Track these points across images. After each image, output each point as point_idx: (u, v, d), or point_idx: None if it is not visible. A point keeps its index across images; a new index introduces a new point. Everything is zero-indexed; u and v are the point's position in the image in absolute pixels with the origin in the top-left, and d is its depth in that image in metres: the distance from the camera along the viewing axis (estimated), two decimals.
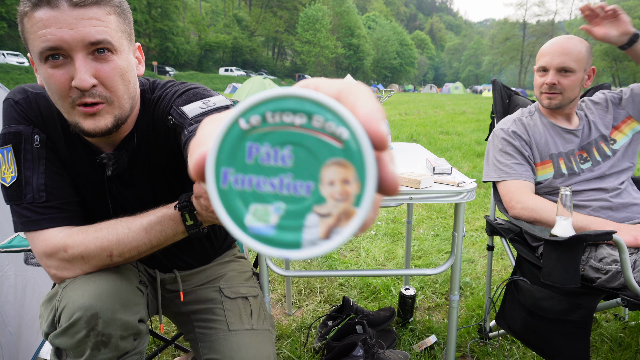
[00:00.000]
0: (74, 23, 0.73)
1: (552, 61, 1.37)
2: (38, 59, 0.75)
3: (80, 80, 0.73)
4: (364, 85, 0.27)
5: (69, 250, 0.79)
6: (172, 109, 0.86)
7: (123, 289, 0.81)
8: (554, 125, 1.46)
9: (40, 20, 0.72)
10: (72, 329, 0.75)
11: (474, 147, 6.37)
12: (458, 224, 1.14)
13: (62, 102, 0.77)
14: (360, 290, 2.10)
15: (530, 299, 1.21)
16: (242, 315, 1.02)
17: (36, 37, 0.73)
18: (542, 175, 1.43)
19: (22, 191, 0.80)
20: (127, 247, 0.80)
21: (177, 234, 0.82)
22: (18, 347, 1.32)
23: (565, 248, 1.02)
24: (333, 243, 0.23)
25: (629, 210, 1.33)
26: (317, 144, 0.24)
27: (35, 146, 0.82)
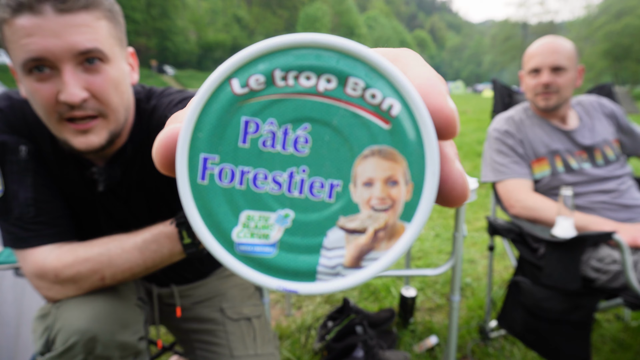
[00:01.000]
0: (60, 31, 0.65)
1: (544, 61, 1.37)
2: (21, 70, 0.68)
3: (69, 95, 0.66)
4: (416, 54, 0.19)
5: (60, 274, 0.74)
6: (166, 117, 0.81)
7: (121, 308, 0.77)
8: (548, 123, 1.46)
9: (22, 28, 0.64)
10: (69, 353, 0.71)
11: (474, 146, 6.37)
12: (459, 224, 1.14)
13: (49, 118, 0.70)
14: (361, 291, 2.09)
15: (531, 300, 1.20)
16: (245, 339, 0.97)
17: (18, 47, 0.65)
18: (539, 173, 1.42)
19: (8, 206, 0.74)
20: (120, 268, 0.75)
21: (173, 254, 0.77)
22: (17, 347, 1.31)
23: (566, 248, 1.02)
24: (366, 274, 0.16)
25: (630, 211, 1.33)
26: (351, 122, 0.15)
27: (21, 158, 0.76)
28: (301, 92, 0.15)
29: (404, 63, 0.17)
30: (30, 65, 0.66)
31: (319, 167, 0.15)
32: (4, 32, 0.67)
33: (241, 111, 0.15)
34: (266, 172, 0.15)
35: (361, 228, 0.16)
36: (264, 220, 0.16)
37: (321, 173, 0.15)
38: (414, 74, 0.16)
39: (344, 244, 0.16)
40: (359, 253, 0.16)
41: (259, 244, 0.16)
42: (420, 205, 0.15)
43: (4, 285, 1.36)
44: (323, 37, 0.15)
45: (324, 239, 0.16)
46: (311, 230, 0.16)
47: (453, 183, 0.16)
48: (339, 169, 0.15)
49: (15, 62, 0.68)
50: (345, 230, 0.16)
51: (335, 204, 0.15)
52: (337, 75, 0.15)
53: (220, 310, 1.00)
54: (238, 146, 0.16)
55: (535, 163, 1.43)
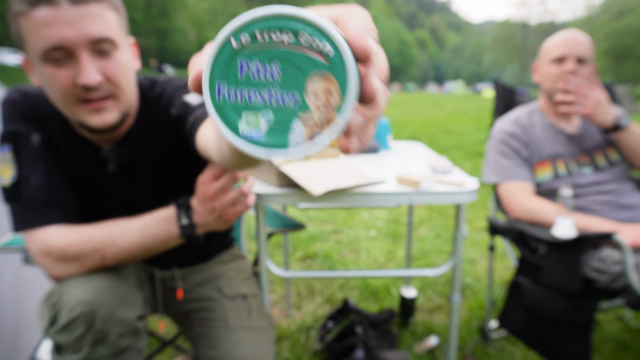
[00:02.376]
0: (76, 21, 0.72)
1: (571, 50, 1.36)
2: (38, 59, 0.73)
3: (88, 78, 0.73)
4: (361, 8, 0.29)
5: (64, 252, 0.79)
6: (174, 100, 0.87)
7: (120, 286, 0.81)
8: (553, 126, 1.45)
9: (40, 19, 0.70)
10: (71, 325, 0.75)
11: (475, 146, 6.36)
12: (459, 224, 1.13)
13: (65, 101, 0.76)
14: (361, 291, 2.09)
15: (532, 300, 1.20)
16: (240, 314, 1.02)
17: (37, 37, 0.71)
18: (541, 176, 1.41)
19: (20, 190, 0.80)
20: (120, 249, 0.80)
21: (170, 237, 0.82)
22: (16, 347, 1.31)
23: (566, 249, 1.01)
24: (316, 145, 0.27)
25: (631, 211, 1.32)
26: (302, 59, 0.26)
27: (34, 145, 0.82)
28: (273, 43, 0.26)
29: (345, 19, 0.27)
30: (50, 53, 0.72)
31: (286, 86, 0.26)
32: (20, 24, 0.73)
33: (238, 56, 0.27)
34: (255, 91, 0.27)
35: (312, 119, 0.27)
36: (255, 118, 0.27)
37: (287, 89, 0.26)
38: (351, 22, 0.27)
39: (302, 128, 0.27)
40: (311, 133, 0.27)
41: (255, 132, 0.27)
42: (346, 105, 0.26)
43: (3, 286, 1.35)
44: (282, 8, 0.25)
45: (291, 127, 0.27)
46: (284, 122, 0.27)
47: (367, 91, 0.27)
48: (297, 87, 0.26)
49: (33, 52, 0.74)
50: (303, 121, 0.27)
51: (297, 107, 0.27)
52: (292, 31, 0.26)
53: (217, 289, 1.05)
54: (238, 78, 0.27)
55: (537, 166, 1.42)
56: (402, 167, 1.35)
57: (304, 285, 2.14)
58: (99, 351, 0.77)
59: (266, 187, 1.09)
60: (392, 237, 2.82)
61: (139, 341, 0.86)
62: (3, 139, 0.82)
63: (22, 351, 1.34)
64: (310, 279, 2.19)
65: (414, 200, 1.05)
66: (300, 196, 1.05)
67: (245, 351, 0.94)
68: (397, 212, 3.32)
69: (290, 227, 1.43)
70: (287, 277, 1.56)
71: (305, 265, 2.43)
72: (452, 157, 5.54)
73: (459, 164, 5.15)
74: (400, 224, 3.08)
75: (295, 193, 1.05)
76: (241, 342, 0.96)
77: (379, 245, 2.66)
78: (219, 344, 0.96)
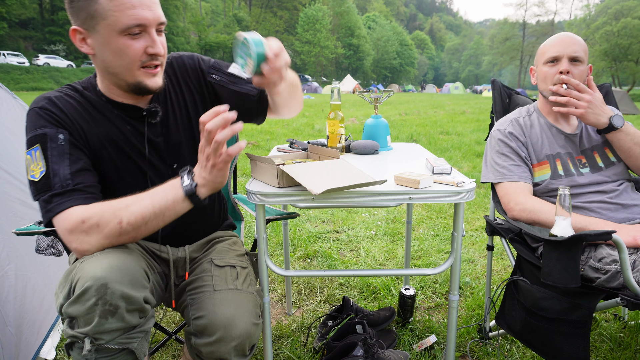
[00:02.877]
0: (151, 6, 0.94)
1: (565, 50, 1.37)
2: (116, 32, 0.92)
3: (158, 48, 0.97)
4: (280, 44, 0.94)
5: (87, 221, 0.89)
6: (214, 70, 1.16)
7: (132, 268, 0.90)
8: (552, 126, 1.46)
9: (127, 2, 0.91)
10: (84, 296, 0.83)
11: (473, 147, 6.37)
12: (458, 223, 1.15)
13: (131, 66, 0.96)
14: (360, 290, 2.10)
15: (530, 299, 1.21)
16: (227, 279, 1.09)
17: (122, 15, 0.91)
18: (540, 177, 1.42)
19: (50, 182, 0.92)
20: (134, 213, 0.91)
21: (176, 199, 0.93)
22: (18, 346, 1.32)
23: (564, 248, 1.02)
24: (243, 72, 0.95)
25: (629, 211, 1.33)
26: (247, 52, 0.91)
27: (60, 143, 0.95)
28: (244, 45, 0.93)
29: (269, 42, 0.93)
30: (131, 29, 0.92)
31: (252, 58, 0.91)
32: (98, 3, 0.90)
33: (236, 52, 0.95)
34: (243, 58, 0.93)
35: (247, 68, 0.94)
36: (245, 62, 0.93)
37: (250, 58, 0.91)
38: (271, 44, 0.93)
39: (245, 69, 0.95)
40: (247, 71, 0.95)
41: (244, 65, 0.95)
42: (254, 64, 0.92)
43: (6, 285, 1.36)
44: (247, 34, 0.91)
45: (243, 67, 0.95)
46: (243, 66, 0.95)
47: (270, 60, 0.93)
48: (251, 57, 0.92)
49: (112, 26, 0.92)
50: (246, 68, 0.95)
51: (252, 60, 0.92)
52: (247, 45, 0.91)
53: (210, 261, 1.14)
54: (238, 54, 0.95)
55: (536, 166, 1.43)
56: (401, 167, 1.36)
57: (304, 284, 2.15)
58: (108, 323, 0.84)
59: (266, 187, 1.10)
60: (392, 236, 2.84)
61: (146, 322, 0.93)
62: (33, 142, 0.95)
63: (25, 350, 1.35)
64: (310, 278, 2.20)
65: (413, 200, 1.06)
66: (301, 196, 1.06)
67: (229, 308, 1.00)
68: (396, 211, 3.34)
69: (285, 216, 1.50)
70: (288, 276, 1.57)
71: (305, 265, 2.44)
72: (450, 157, 5.56)
73: (458, 164, 5.16)
74: (400, 223, 3.09)
75: (296, 193, 1.06)
76: (225, 300, 1.02)
77: (379, 245, 2.67)
78: (206, 305, 1.01)
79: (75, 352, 0.87)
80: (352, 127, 8.74)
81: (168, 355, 1.58)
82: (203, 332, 0.98)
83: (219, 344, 0.96)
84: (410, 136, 7.56)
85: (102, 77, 1.03)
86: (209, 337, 0.97)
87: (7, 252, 1.41)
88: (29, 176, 0.94)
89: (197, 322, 1.00)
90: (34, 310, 1.45)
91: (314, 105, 16.73)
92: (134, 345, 0.90)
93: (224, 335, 0.96)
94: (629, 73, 36.67)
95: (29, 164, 0.94)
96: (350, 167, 1.12)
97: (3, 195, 1.53)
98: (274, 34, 57.93)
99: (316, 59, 53.26)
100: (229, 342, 0.97)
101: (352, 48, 58.42)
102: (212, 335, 0.97)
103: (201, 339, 0.98)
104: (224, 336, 0.96)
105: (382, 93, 1.72)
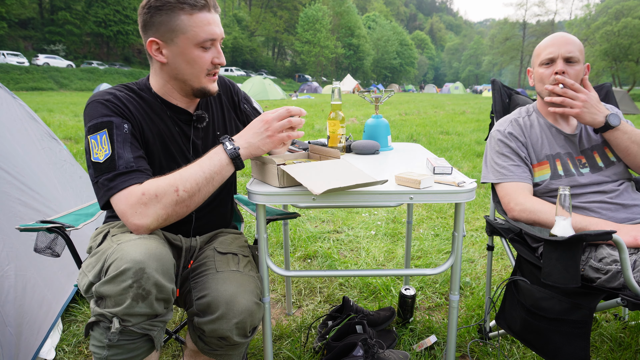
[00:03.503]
0: (218, 23, 1.09)
1: (559, 50, 1.37)
2: (193, 44, 1.06)
3: (223, 59, 1.12)
4: None
5: (146, 193, 0.96)
6: (245, 101, 1.36)
7: (166, 258, 0.93)
8: (551, 126, 1.46)
9: (204, 19, 1.05)
10: (120, 277, 0.86)
11: (474, 147, 6.37)
12: (458, 223, 1.15)
13: (200, 73, 1.10)
14: (360, 290, 2.10)
15: (530, 299, 1.21)
16: (229, 263, 1.14)
17: (201, 30, 1.05)
18: (540, 177, 1.42)
19: (115, 163, 0.99)
20: (188, 180, 0.99)
21: (222, 163, 1.04)
22: (18, 347, 1.32)
23: (565, 248, 1.02)
24: None
25: (629, 211, 1.33)
26: None
27: (125, 132, 1.03)
28: None
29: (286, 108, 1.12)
30: (205, 42, 1.06)
31: None
32: (180, 18, 1.04)
33: None
34: None
35: None
36: None
37: None
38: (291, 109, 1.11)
39: None
40: None
41: None
42: None
43: (5, 285, 1.36)
44: None
45: None
46: None
47: None
48: None
49: (189, 39, 1.05)
50: None
51: None
52: None
53: (213, 249, 1.20)
54: None
55: (536, 166, 1.43)
56: (402, 167, 1.36)
57: (304, 284, 2.15)
58: (138, 307, 0.87)
59: (267, 187, 1.10)
60: (392, 236, 2.84)
61: (167, 313, 0.96)
62: (99, 128, 1.02)
63: (24, 350, 1.35)
64: (310, 278, 2.20)
65: (414, 200, 1.06)
66: (301, 196, 1.06)
67: (231, 286, 1.04)
68: (396, 211, 3.34)
69: (286, 216, 1.51)
70: (288, 276, 1.57)
71: (306, 265, 2.43)
72: (450, 157, 5.55)
73: (458, 164, 5.16)
74: (400, 223, 3.09)
75: (297, 193, 1.06)
76: (227, 279, 1.06)
77: (379, 245, 2.67)
78: (209, 284, 1.06)
79: (96, 332, 0.89)
80: (352, 127, 8.74)
81: (168, 356, 1.58)
82: (206, 310, 1.02)
83: (221, 321, 1.00)
84: (410, 136, 7.56)
85: (166, 82, 1.13)
86: (211, 315, 1.00)
87: (7, 252, 1.41)
88: (93, 158, 1.00)
89: (200, 301, 1.03)
90: (34, 311, 1.44)
91: (314, 105, 16.72)
92: (154, 333, 0.93)
93: (226, 311, 1.00)
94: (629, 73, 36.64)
95: (93, 147, 1.00)
96: (351, 167, 1.12)
97: (3, 195, 1.53)
98: (274, 33, 57.95)
99: (316, 59, 53.24)
100: (230, 319, 1.00)
101: (352, 48, 58.40)
102: (215, 312, 1.00)
103: (204, 317, 1.02)
104: (226, 312, 1.00)
105: (382, 93, 1.72)
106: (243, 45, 52.03)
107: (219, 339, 1.03)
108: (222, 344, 1.04)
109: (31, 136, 1.92)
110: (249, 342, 1.11)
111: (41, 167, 1.85)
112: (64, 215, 1.31)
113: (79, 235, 1.62)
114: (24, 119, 1.95)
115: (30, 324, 1.41)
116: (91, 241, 1.12)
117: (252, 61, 54.69)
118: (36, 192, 1.70)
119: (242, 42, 51.74)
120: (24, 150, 1.80)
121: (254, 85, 21.11)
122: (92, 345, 0.91)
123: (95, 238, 1.10)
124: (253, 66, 54.29)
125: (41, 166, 1.85)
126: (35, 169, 1.79)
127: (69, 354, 1.57)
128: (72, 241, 1.19)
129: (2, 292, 1.34)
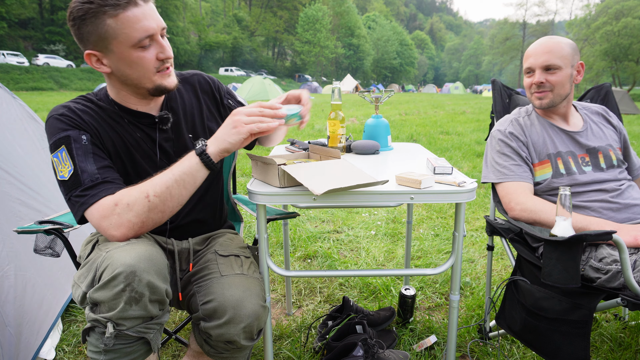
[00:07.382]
0: (152, 15, 0.98)
1: (536, 61, 1.39)
2: (130, 48, 0.97)
3: (169, 52, 1.03)
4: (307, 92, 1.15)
5: (119, 204, 0.94)
6: (228, 96, 1.29)
7: (157, 259, 0.92)
8: (552, 125, 1.46)
9: (133, 17, 0.94)
10: (113, 282, 0.86)
11: (474, 147, 6.37)
12: (459, 224, 1.15)
13: (148, 74, 1.02)
14: (360, 290, 2.10)
15: (530, 299, 1.21)
16: (233, 266, 1.13)
17: (132, 30, 0.95)
18: (541, 176, 1.42)
19: (79, 179, 0.96)
20: (158, 184, 0.96)
21: (192, 166, 0.99)
22: (18, 347, 1.32)
23: (565, 248, 1.02)
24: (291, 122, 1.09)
25: (630, 211, 1.33)
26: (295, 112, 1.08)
27: (84, 144, 1.00)
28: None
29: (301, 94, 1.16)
30: (142, 41, 0.96)
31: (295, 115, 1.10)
32: (106, 25, 0.94)
33: None
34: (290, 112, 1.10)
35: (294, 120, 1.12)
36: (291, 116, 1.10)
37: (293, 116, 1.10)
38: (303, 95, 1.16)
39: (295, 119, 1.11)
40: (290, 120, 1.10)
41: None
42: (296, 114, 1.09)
43: (5, 285, 1.36)
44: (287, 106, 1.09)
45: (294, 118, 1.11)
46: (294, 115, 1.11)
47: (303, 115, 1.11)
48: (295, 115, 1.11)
49: (124, 43, 0.96)
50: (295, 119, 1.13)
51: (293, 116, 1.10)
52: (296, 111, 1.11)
53: (214, 252, 1.19)
54: None
55: (537, 166, 1.43)
56: (402, 167, 1.36)
57: (304, 284, 2.15)
58: (132, 310, 0.87)
59: (268, 187, 1.10)
60: (392, 236, 2.84)
61: (163, 315, 0.96)
62: (58, 145, 0.98)
63: (24, 350, 1.35)
64: (310, 278, 2.20)
65: (415, 200, 1.06)
66: (302, 196, 1.06)
67: (237, 290, 1.03)
68: (396, 211, 3.34)
69: (286, 215, 1.51)
70: (288, 276, 1.57)
71: (306, 265, 2.43)
72: (450, 157, 5.55)
73: (458, 164, 5.16)
74: (400, 223, 3.09)
75: (297, 193, 1.06)
76: (233, 283, 1.05)
77: (379, 245, 2.67)
78: (214, 289, 1.04)
79: (93, 337, 0.90)
80: (352, 127, 8.74)
81: (168, 356, 1.58)
82: (213, 315, 1.01)
83: (228, 326, 0.99)
84: (410, 136, 7.56)
85: (119, 89, 1.07)
86: (218, 320, 1.00)
87: (6, 252, 1.41)
88: (59, 177, 0.98)
89: (206, 306, 1.02)
90: (34, 311, 1.44)
91: (314, 105, 16.73)
92: (150, 336, 0.92)
93: (234, 316, 0.99)
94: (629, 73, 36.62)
95: (56, 165, 0.98)
96: (352, 167, 1.12)
97: (3, 195, 1.53)
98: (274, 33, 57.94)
99: (316, 59, 53.23)
100: (238, 323, 0.99)
101: (352, 48, 58.38)
102: (222, 317, 0.99)
103: (211, 322, 1.01)
104: (234, 317, 0.99)
105: (382, 93, 1.72)
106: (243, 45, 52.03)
107: (226, 343, 1.02)
108: (229, 347, 1.04)
109: (31, 136, 1.92)
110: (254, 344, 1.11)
111: (41, 167, 1.85)
112: (61, 214, 1.31)
113: (79, 235, 1.62)
114: (24, 119, 1.95)
115: (30, 324, 1.41)
116: (81, 251, 1.11)
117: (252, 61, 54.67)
118: (36, 192, 1.70)
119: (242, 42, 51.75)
120: (24, 150, 1.80)
121: (253, 85, 21.10)
122: (89, 351, 0.91)
123: (85, 248, 1.09)
124: (253, 66, 54.25)
125: (41, 166, 1.85)
126: (35, 169, 1.79)
127: (69, 354, 1.57)
128: (70, 242, 1.19)
129: (2, 292, 1.34)
